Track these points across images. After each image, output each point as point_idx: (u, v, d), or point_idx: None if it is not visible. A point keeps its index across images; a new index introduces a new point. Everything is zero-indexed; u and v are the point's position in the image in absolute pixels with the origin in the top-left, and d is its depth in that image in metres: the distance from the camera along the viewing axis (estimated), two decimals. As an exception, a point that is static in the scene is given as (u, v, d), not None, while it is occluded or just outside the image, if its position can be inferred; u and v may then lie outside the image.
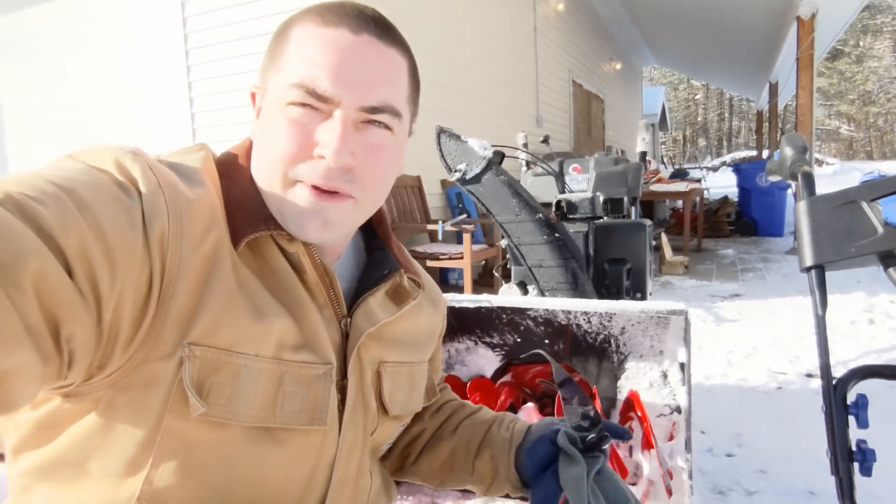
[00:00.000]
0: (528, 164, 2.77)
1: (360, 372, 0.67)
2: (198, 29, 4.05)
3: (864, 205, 1.13)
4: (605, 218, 2.16)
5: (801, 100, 6.84)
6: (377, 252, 0.74)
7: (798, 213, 1.21)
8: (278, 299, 0.59)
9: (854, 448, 1.02)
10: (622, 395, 1.80)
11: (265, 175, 0.61)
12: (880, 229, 1.10)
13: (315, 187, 0.59)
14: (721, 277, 5.30)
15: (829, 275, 1.18)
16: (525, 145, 2.83)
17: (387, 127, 0.61)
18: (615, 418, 1.81)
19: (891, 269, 1.12)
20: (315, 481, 0.63)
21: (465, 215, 3.97)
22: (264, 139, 0.61)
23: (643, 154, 2.52)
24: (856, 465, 1.01)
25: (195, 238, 0.53)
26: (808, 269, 1.18)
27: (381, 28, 0.61)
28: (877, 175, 1.60)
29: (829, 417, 1.06)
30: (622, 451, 1.68)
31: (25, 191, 0.44)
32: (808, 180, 1.25)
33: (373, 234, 0.76)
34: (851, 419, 1.04)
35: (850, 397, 1.05)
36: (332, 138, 0.57)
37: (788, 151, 1.33)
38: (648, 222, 2.17)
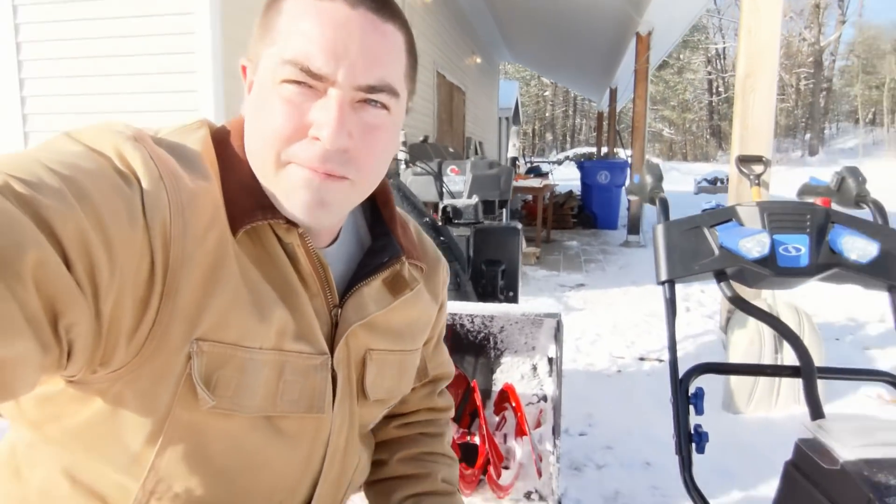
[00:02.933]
0: (406, 163, 2.86)
1: (347, 360, 0.68)
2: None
3: (706, 230, 1.38)
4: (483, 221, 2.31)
5: (637, 107, 7.66)
6: (382, 237, 0.72)
7: (655, 234, 1.44)
8: (276, 289, 0.59)
9: (693, 431, 1.25)
10: (497, 388, 1.97)
11: (258, 155, 0.59)
12: (716, 251, 1.35)
13: (310, 168, 0.57)
14: (568, 268, 5.83)
15: (652, 265, 1.40)
16: (404, 143, 2.90)
17: (384, 106, 0.59)
18: (490, 409, 1.98)
19: (722, 284, 1.39)
20: (311, 463, 0.66)
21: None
22: (257, 118, 0.59)
23: (514, 159, 2.71)
24: (693, 446, 1.25)
25: (198, 232, 0.53)
26: (663, 283, 1.41)
27: (378, 2, 0.58)
28: (714, 205, 1.94)
29: (675, 407, 1.29)
30: (498, 438, 1.85)
31: (24, 177, 0.43)
32: (664, 206, 1.48)
33: (379, 217, 0.74)
34: (691, 408, 1.28)
35: (691, 389, 1.29)
36: (329, 119, 0.55)
37: (648, 179, 1.56)
38: (520, 226, 2.36)
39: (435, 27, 8.54)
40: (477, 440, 1.80)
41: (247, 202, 0.57)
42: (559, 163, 14.46)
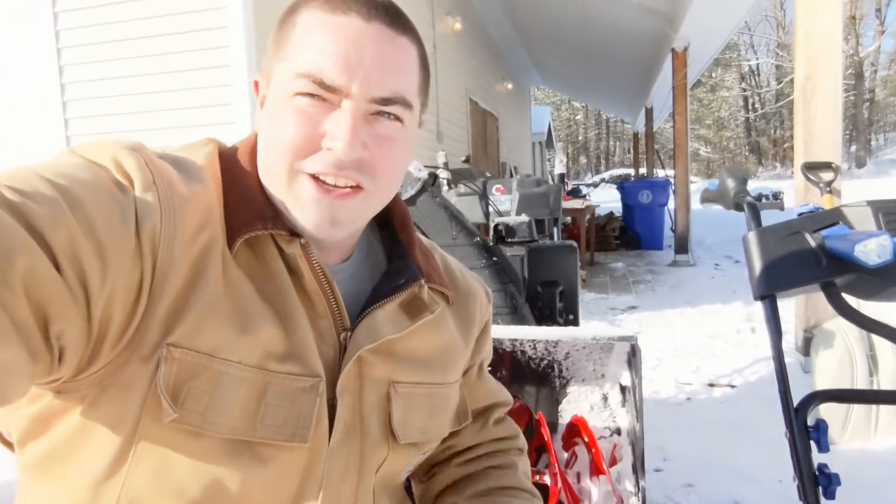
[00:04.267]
0: (449, 183, 2.75)
1: (358, 391, 0.62)
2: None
3: (808, 236, 1.20)
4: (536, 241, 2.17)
5: (677, 124, 7.46)
6: (398, 260, 0.69)
7: (748, 243, 1.27)
8: (270, 304, 0.56)
9: (818, 472, 1.06)
10: (564, 420, 1.80)
11: (270, 167, 0.58)
12: (824, 259, 1.18)
13: (322, 182, 0.56)
14: (616, 290, 5.60)
15: (708, 283, 1.23)
16: (445, 164, 2.80)
17: (398, 118, 0.59)
18: (557, 443, 1.80)
19: (832, 297, 1.20)
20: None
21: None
22: (270, 130, 0.58)
23: (562, 175, 2.58)
24: (820, 490, 1.06)
25: (187, 237, 0.52)
26: (762, 298, 1.23)
27: (392, 15, 0.58)
28: (812, 208, 1.76)
29: (792, 444, 1.10)
30: (571, 478, 1.67)
31: (17, 186, 0.44)
32: (754, 211, 1.31)
33: (396, 240, 0.72)
34: (812, 444, 1.09)
35: (810, 421, 1.10)
36: (343, 130, 0.55)
37: (731, 183, 1.40)
38: (575, 244, 2.21)
39: (465, 54, 8.58)
40: (547, 479, 1.63)
41: (247, 213, 0.57)
42: (595, 185, 14.26)
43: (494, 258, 1.89)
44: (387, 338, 0.63)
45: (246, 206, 0.57)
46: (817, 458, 1.08)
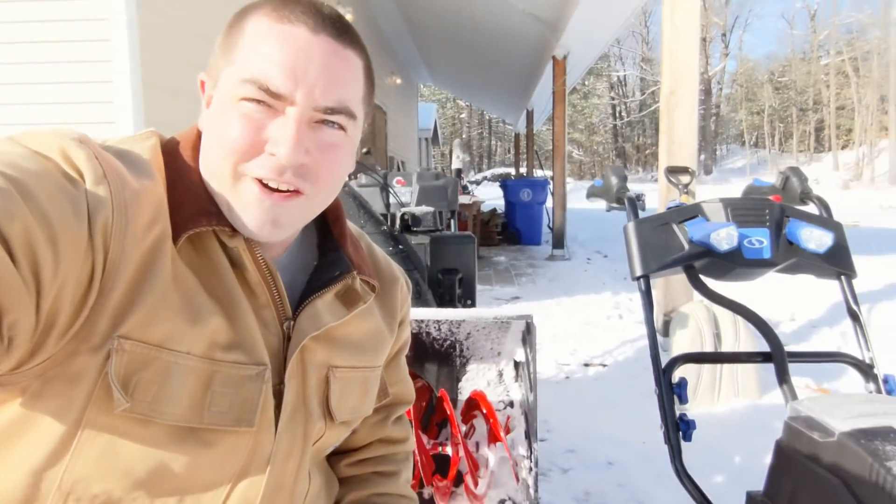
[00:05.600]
0: (351, 174, 2.79)
1: (301, 376, 0.66)
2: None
3: (675, 226, 1.43)
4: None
5: (556, 127, 7.98)
6: (331, 253, 0.72)
7: (627, 232, 1.48)
8: (214, 297, 0.58)
9: (679, 420, 1.28)
10: (462, 396, 1.94)
11: (214, 168, 0.60)
12: (686, 245, 1.41)
13: (265, 185, 0.58)
14: (500, 282, 5.91)
15: (582, 276, 1.44)
16: (347, 155, 2.84)
17: (341, 128, 0.61)
18: (458, 417, 1.94)
19: (691, 277, 1.44)
20: (246, 485, 0.61)
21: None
22: (214, 132, 0.60)
23: (459, 171, 2.72)
24: (680, 434, 1.27)
25: (139, 231, 0.53)
26: (638, 278, 1.44)
27: (339, 28, 0.60)
28: (678, 203, 2.05)
29: (660, 398, 1.32)
30: (471, 447, 1.81)
31: None
32: (633, 204, 1.52)
33: (328, 233, 0.74)
34: (676, 399, 1.31)
35: (674, 379, 1.32)
36: (286, 136, 0.56)
37: (614, 180, 1.61)
38: (474, 235, 2.37)
39: (357, 46, 8.52)
40: (449, 450, 1.76)
41: (191, 208, 0.57)
42: (478, 183, 14.76)
43: (400, 246, 1.98)
44: (328, 326, 0.66)
45: (190, 201, 0.58)
46: (679, 409, 1.30)
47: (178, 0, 3.39)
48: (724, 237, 1.34)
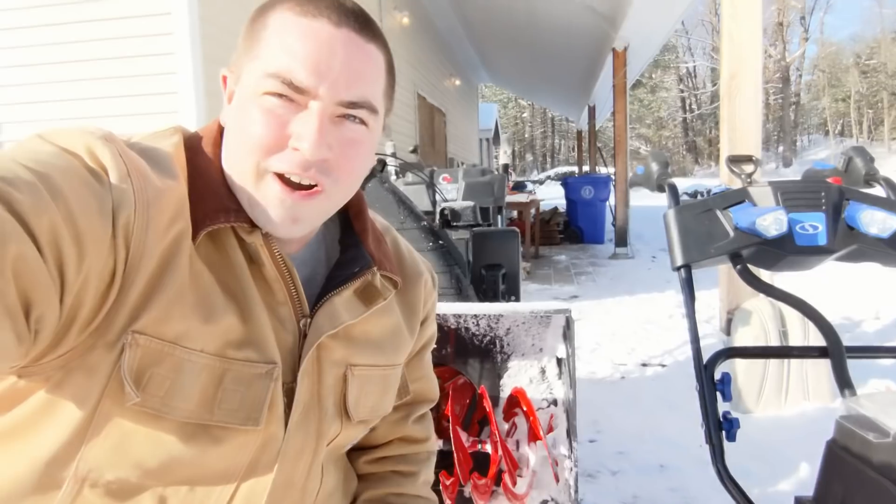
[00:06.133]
0: (397, 172, 2.81)
1: (317, 374, 0.65)
2: None
3: (719, 212, 1.34)
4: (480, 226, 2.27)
5: (617, 121, 7.77)
6: (352, 248, 0.70)
7: (667, 219, 1.40)
8: (229, 294, 0.58)
9: (722, 419, 1.19)
10: (504, 394, 1.90)
11: (236, 164, 0.60)
12: (731, 233, 1.32)
13: (287, 182, 0.58)
14: (559, 281, 5.80)
15: (645, 274, 1.37)
16: (394, 154, 2.86)
17: (363, 122, 0.61)
18: (499, 415, 1.90)
19: (738, 267, 1.35)
20: (254, 481, 0.61)
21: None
22: (237, 127, 0.59)
23: (506, 166, 2.68)
24: (723, 434, 1.19)
25: (160, 229, 0.53)
26: (679, 268, 1.36)
27: (361, 22, 0.60)
28: (724, 188, 1.92)
29: (701, 395, 1.23)
30: (510, 445, 1.77)
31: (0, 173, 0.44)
32: (674, 191, 1.44)
33: (350, 228, 0.73)
34: (718, 396, 1.22)
35: (716, 375, 1.24)
36: (310, 131, 0.56)
37: (654, 166, 1.53)
38: (517, 230, 2.32)
39: (413, 49, 8.62)
40: (489, 448, 1.73)
41: (211, 205, 0.57)
42: (541, 182, 14.58)
43: (440, 241, 1.97)
44: (346, 323, 0.65)
45: (210, 198, 0.58)
46: (722, 406, 1.21)
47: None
48: (772, 222, 1.24)
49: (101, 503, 0.55)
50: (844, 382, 1.16)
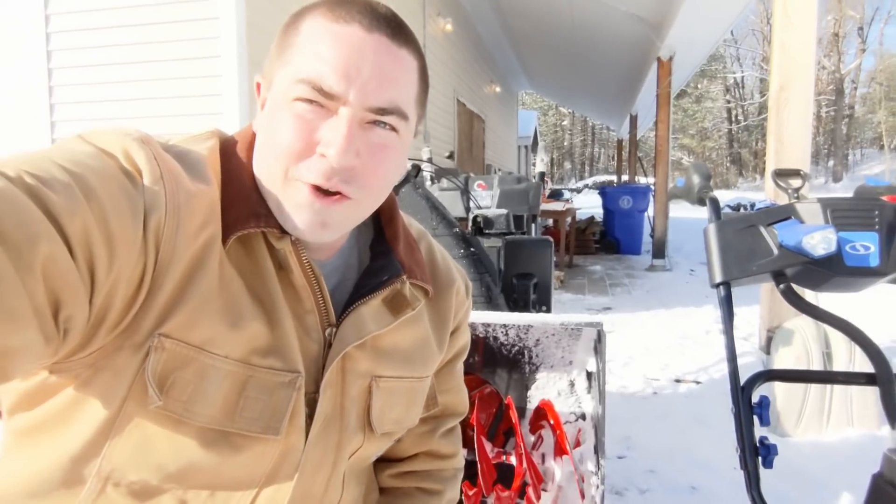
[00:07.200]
0: (432, 178, 2.81)
1: (340, 385, 0.64)
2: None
3: (763, 229, 1.29)
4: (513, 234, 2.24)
5: (659, 131, 7.60)
6: (382, 255, 0.69)
7: (708, 234, 1.35)
8: (257, 300, 0.58)
9: (759, 444, 1.14)
10: (532, 405, 1.87)
11: (266, 170, 0.60)
12: (775, 250, 1.26)
13: (315, 187, 0.57)
14: (593, 292, 5.70)
15: (683, 288, 1.33)
16: (430, 160, 2.86)
17: (393, 129, 0.60)
18: (526, 427, 1.87)
19: (782, 286, 1.29)
20: (272, 490, 0.60)
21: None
22: (268, 133, 0.59)
23: (542, 174, 2.65)
24: (759, 460, 1.14)
25: (190, 233, 0.53)
26: (717, 285, 1.31)
27: (394, 27, 0.59)
28: (769, 203, 1.83)
29: (737, 418, 1.18)
30: (535, 458, 1.74)
31: (35, 172, 0.45)
32: (715, 205, 1.39)
33: (382, 234, 0.72)
34: (756, 420, 1.17)
35: (754, 398, 1.18)
36: (338, 137, 0.55)
37: (696, 179, 1.48)
38: (551, 239, 2.29)
39: (454, 56, 8.64)
40: (513, 460, 1.69)
41: (242, 210, 0.58)
42: (578, 191, 14.40)
43: (472, 248, 1.95)
44: (372, 334, 0.64)
45: (241, 203, 0.58)
46: (759, 431, 1.16)
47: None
48: (820, 241, 1.18)
49: (123, 502, 0.56)
50: (894, 412, 1.10)
